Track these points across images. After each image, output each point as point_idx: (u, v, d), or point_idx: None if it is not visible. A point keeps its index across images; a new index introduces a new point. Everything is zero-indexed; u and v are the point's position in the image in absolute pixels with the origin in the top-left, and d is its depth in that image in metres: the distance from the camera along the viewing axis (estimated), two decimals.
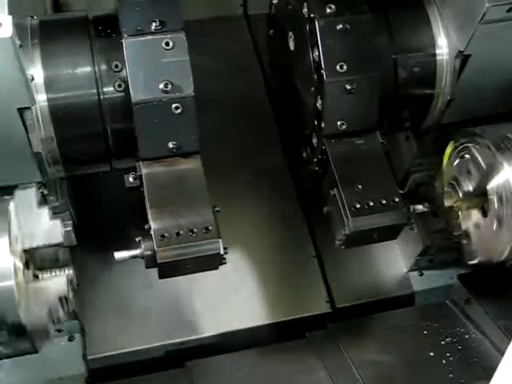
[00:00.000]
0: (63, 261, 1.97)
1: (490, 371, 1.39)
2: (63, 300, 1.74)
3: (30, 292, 1.69)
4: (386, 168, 2.19)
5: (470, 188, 2.20)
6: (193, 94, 1.93)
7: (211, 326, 2.68)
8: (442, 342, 2.53)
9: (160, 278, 1.98)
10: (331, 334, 2.61)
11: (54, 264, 1.92)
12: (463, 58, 2.12)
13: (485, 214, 2.18)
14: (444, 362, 2.45)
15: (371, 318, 2.71)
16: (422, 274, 2.91)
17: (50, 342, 1.76)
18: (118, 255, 1.93)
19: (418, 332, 2.60)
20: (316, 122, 2.22)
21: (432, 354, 2.48)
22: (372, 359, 2.49)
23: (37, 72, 1.92)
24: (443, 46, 2.20)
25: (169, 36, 1.92)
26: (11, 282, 1.55)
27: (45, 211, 1.84)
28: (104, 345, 2.60)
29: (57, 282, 1.77)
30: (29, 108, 1.80)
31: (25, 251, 1.74)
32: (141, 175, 1.99)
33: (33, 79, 1.88)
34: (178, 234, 1.91)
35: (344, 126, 2.16)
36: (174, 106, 1.92)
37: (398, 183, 2.19)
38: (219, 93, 3.02)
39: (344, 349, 2.51)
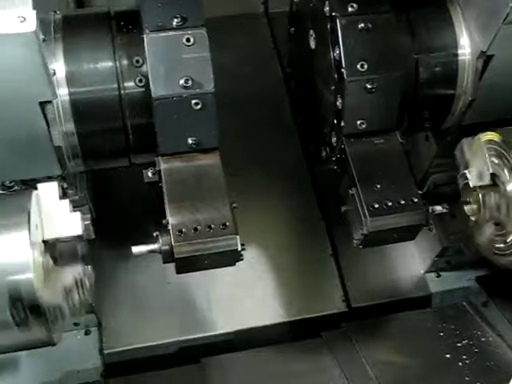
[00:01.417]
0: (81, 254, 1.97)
1: (506, 375, 1.37)
2: (79, 283, 1.73)
3: (47, 276, 1.70)
4: (405, 168, 2.17)
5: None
6: (213, 90, 1.93)
7: (227, 322, 2.69)
8: (459, 344, 2.52)
9: (177, 273, 1.99)
10: (346, 333, 2.60)
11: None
12: (486, 59, 2.09)
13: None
14: (460, 364, 2.43)
15: (387, 318, 2.70)
16: (439, 276, 2.89)
17: (63, 325, 1.75)
18: (136, 249, 1.95)
19: (434, 333, 2.58)
20: (335, 121, 2.21)
21: (448, 356, 2.47)
22: (387, 359, 2.48)
23: (59, 66, 1.93)
24: (465, 46, 2.18)
25: (190, 32, 1.93)
26: (30, 275, 1.55)
27: (66, 203, 1.84)
28: (120, 339, 2.62)
29: (73, 266, 1.77)
30: (50, 102, 1.81)
31: (44, 242, 1.75)
32: (160, 170, 2.00)
33: (55, 73, 1.89)
34: (195, 229, 1.91)
35: (364, 126, 2.15)
36: (193, 101, 1.93)
37: (416, 183, 2.18)
38: (238, 91, 3.02)
39: (359, 348, 2.50)
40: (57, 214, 1.73)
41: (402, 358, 2.49)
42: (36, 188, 1.96)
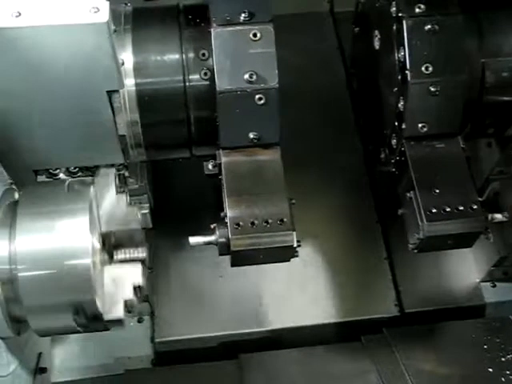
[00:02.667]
0: (138, 242, 2.00)
1: None
2: (137, 289, 1.77)
3: (106, 279, 1.73)
4: (466, 174, 2.13)
5: None
6: (277, 85, 1.94)
7: (277, 319, 2.70)
8: (503, 359, 2.44)
9: (232, 265, 2.00)
10: (387, 338, 2.57)
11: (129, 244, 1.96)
12: None
13: None
14: (503, 379, 2.36)
15: (429, 327, 2.65)
16: (494, 286, 2.83)
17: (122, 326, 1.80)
18: (193, 240, 1.97)
19: (477, 345, 2.52)
20: (397, 123, 2.19)
21: (491, 369, 2.40)
22: (427, 369, 2.43)
23: (127, 57, 1.98)
24: None
25: (257, 27, 1.94)
26: (88, 261, 1.59)
27: (123, 197, 1.89)
28: (171, 329, 2.65)
29: (133, 271, 1.79)
30: (117, 91, 1.84)
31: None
32: (220, 163, 2.02)
33: (123, 64, 1.93)
34: (252, 223, 1.92)
35: (425, 129, 2.13)
36: (257, 96, 1.94)
37: (476, 190, 2.14)
38: (300, 89, 3.02)
39: (399, 355, 2.46)
40: (114, 207, 1.77)
41: (442, 369, 2.44)
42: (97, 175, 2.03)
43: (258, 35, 1.94)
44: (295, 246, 1.93)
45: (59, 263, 1.57)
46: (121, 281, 1.75)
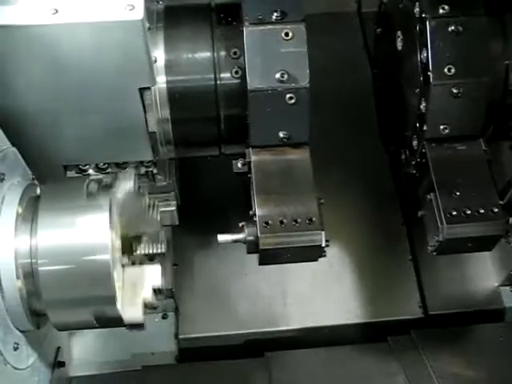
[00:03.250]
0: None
1: None
2: (157, 290, 1.77)
3: (125, 282, 1.74)
4: (487, 176, 2.12)
5: None
6: (308, 85, 1.94)
7: (300, 319, 2.70)
8: None
9: (260, 264, 2.01)
10: (414, 340, 2.55)
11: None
12: None
13: None
14: None
15: (456, 329, 2.63)
16: None
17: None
18: (221, 238, 1.97)
19: (505, 349, 2.50)
20: (418, 125, 2.19)
21: None
22: (454, 371, 2.41)
23: (159, 54, 1.99)
24: None
25: (289, 27, 1.94)
26: (107, 257, 1.60)
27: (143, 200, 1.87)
28: (195, 326, 2.66)
29: (152, 272, 1.79)
30: (149, 88, 1.86)
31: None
32: (249, 162, 2.03)
33: (155, 61, 1.94)
34: (281, 222, 1.93)
35: (447, 131, 2.12)
36: (288, 96, 1.94)
37: (498, 193, 2.12)
38: (327, 88, 3.01)
39: (426, 357, 2.45)
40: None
41: (470, 372, 2.42)
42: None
43: (290, 34, 1.94)
44: (324, 245, 1.93)
45: (79, 258, 1.58)
46: (140, 282, 1.74)
